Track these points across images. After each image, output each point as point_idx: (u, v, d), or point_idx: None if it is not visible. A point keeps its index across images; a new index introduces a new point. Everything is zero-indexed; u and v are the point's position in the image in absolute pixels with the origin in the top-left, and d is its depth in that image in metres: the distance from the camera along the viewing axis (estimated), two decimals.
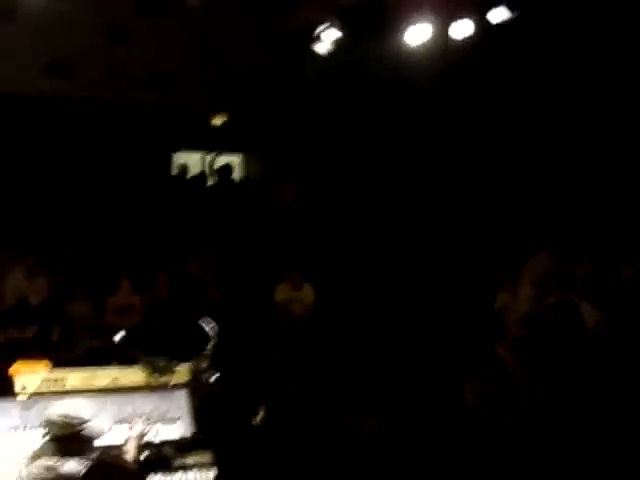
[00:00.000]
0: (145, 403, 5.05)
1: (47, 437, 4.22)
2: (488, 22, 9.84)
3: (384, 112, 12.07)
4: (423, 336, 7.67)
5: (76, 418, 4.23)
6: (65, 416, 4.24)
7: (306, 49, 11.24)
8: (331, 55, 11.03)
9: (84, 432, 4.21)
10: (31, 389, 5.52)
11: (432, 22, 10.14)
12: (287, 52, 12.26)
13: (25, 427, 4.98)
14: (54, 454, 4.08)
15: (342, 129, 12.69)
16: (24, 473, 4.09)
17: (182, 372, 5.94)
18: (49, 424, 4.22)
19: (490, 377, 4.89)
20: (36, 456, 4.13)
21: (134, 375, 5.65)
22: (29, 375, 5.79)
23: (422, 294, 8.73)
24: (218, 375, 5.85)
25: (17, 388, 5.62)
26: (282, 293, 9.50)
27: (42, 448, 4.19)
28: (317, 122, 12.90)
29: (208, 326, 6.15)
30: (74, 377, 5.48)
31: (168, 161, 13.52)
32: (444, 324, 7.74)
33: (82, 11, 10.91)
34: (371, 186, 12.25)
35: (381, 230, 11.03)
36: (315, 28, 11.00)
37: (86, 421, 4.24)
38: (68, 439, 4.16)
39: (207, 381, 5.87)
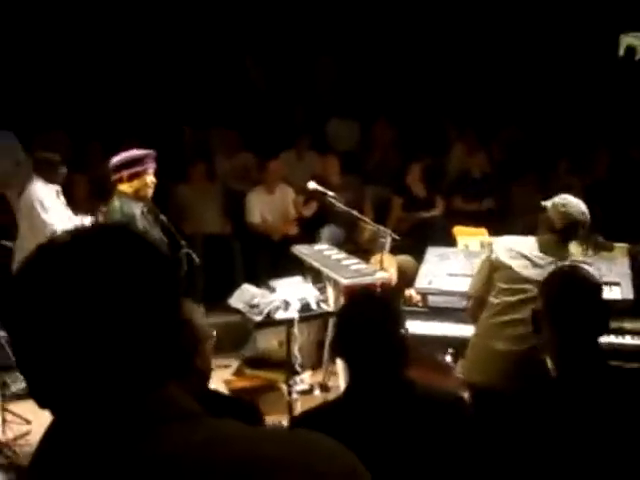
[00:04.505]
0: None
1: None
2: None
3: None
4: None
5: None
6: None
7: None
8: None
9: None
10: (472, 247, 5.82)
11: None
12: None
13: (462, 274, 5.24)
14: None
15: None
16: None
17: (621, 250, 5.84)
18: None
19: None
20: None
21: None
22: (470, 237, 6.09)
23: None
24: None
25: (460, 246, 5.95)
26: None
27: None
28: None
29: None
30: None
31: (616, 43, 13.02)
32: None
33: None
34: None
35: None
36: None
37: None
38: None
39: None
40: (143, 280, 1.22)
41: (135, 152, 5.60)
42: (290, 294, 5.27)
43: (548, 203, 4.50)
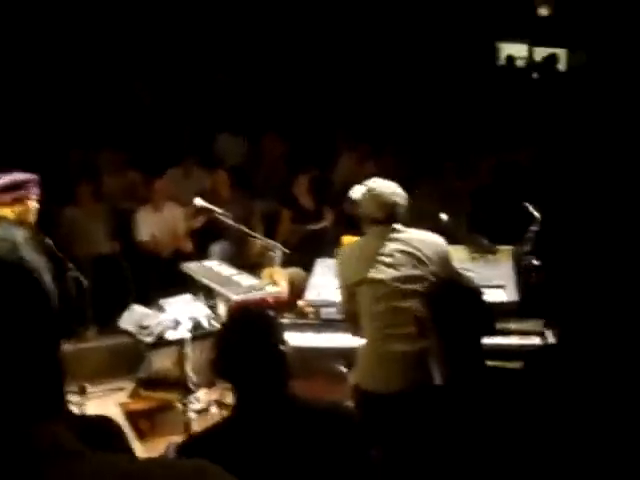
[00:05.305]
0: (469, 268, 5.18)
1: None
2: None
3: None
4: None
5: None
6: None
7: None
8: None
9: None
10: None
11: None
12: None
13: None
14: None
15: None
16: None
17: (505, 253, 5.98)
18: None
19: None
20: None
21: (458, 253, 5.78)
22: None
23: None
24: (539, 262, 5.81)
25: None
26: None
27: None
28: None
29: (532, 210, 6.11)
30: None
31: (493, 51, 13.51)
32: None
33: None
34: None
35: None
36: None
37: None
38: None
39: (528, 265, 5.86)
40: (16, 312, 1.19)
41: (18, 176, 5.45)
42: (180, 313, 5.24)
43: (356, 195, 4.39)
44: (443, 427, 2.81)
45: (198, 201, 6.22)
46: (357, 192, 4.41)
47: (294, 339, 5.11)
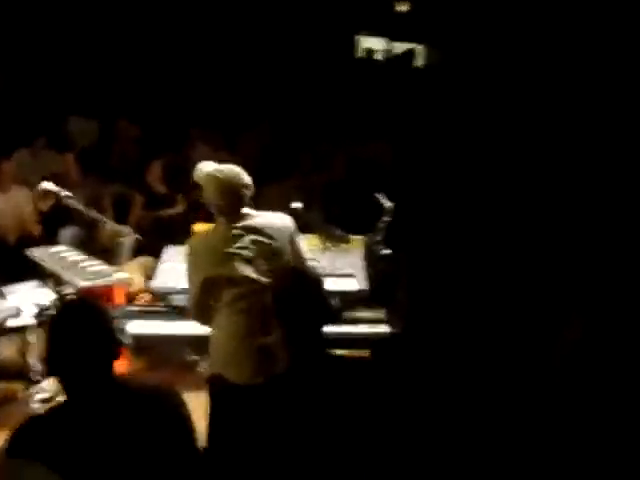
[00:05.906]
0: (319, 258, 5.23)
1: None
2: None
3: None
4: None
5: None
6: None
7: None
8: None
9: None
10: None
11: None
12: None
13: None
14: None
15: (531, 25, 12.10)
16: None
17: (356, 242, 6.07)
18: None
19: None
20: None
21: (310, 242, 5.83)
22: None
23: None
24: (389, 251, 5.93)
25: None
26: None
27: None
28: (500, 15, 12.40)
29: (383, 201, 6.21)
30: None
31: (352, 44, 13.68)
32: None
33: None
34: None
35: None
36: None
37: None
38: None
39: (379, 254, 5.97)
40: None
41: None
42: (24, 300, 5.08)
43: (199, 180, 4.32)
44: (281, 416, 2.86)
45: (45, 184, 6.02)
46: (201, 177, 4.32)
47: (143, 327, 5.06)
